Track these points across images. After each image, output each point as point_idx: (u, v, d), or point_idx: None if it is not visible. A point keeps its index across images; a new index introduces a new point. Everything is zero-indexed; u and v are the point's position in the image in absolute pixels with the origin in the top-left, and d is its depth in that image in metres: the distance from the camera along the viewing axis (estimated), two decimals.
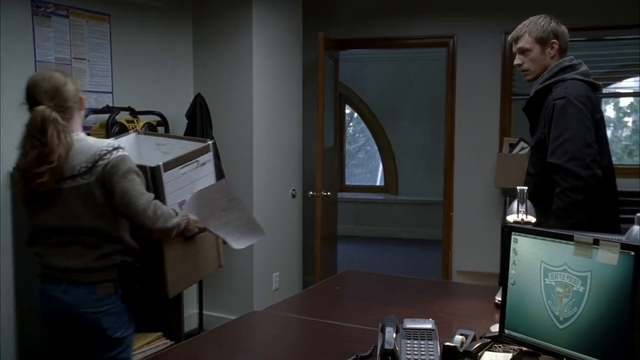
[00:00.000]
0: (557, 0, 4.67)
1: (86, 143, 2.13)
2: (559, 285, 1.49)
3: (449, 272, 5.05)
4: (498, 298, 2.26)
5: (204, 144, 2.49)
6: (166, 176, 2.28)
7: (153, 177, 2.26)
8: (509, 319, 1.63)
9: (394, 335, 1.69)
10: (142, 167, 2.22)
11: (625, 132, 8.92)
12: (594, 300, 1.41)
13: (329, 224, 4.87)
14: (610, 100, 8.24)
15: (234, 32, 4.23)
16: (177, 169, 2.33)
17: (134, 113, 3.63)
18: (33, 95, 2.10)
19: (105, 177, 2.08)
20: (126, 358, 2.24)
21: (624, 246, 1.36)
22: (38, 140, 2.04)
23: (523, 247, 1.60)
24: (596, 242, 1.41)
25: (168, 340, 3.79)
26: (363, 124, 9.79)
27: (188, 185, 2.37)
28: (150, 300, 2.31)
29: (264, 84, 4.30)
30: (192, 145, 2.46)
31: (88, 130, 3.45)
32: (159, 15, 4.09)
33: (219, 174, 2.73)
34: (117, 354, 2.19)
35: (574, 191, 2.25)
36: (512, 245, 1.63)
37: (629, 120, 9.04)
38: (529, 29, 2.57)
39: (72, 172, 2.08)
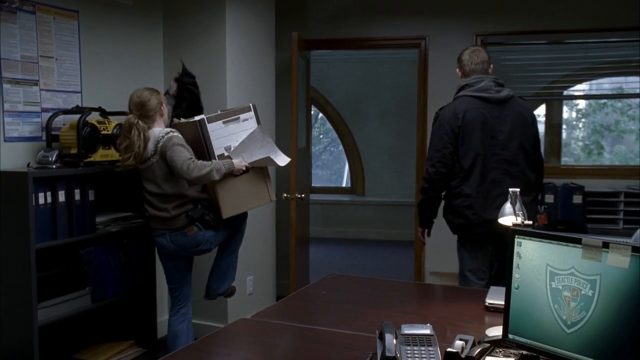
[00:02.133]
0: (521, 4, 4.77)
1: (153, 134, 3.10)
2: (567, 289, 1.48)
3: (421, 274, 5.05)
4: (489, 301, 2.25)
5: (246, 106, 3.32)
6: (210, 126, 3.16)
7: (201, 127, 3.14)
8: (513, 323, 1.61)
9: (394, 341, 1.65)
10: (193, 122, 3.20)
11: (581, 133, 9.14)
12: (604, 303, 1.40)
13: (301, 226, 4.81)
14: (570, 102, 8.41)
15: (206, 32, 4.14)
16: (219, 122, 3.20)
17: (105, 114, 3.50)
18: (129, 106, 3.15)
19: (162, 153, 3.06)
20: (232, 234, 3.45)
21: (635, 249, 1.35)
22: (126, 137, 3.06)
23: (527, 250, 1.58)
24: (606, 245, 1.40)
25: (140, 349, 3.69)
26: (327, 125, 9.77)
27: (232, 135, 3.23)
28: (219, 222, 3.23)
29: (237, 84, 4.22)
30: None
31: (57, 131, 3.32)
32: (128, 13, 3.97)
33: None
34: (227, 243, 3.47)
35: (424, 180, 3.18)
36: (516, 248, 1.61)
37: (584, 121, 9.27)
38: None
39: (148, 155, 3.08)
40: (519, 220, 1.86)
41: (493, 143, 3.06)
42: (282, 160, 3.36)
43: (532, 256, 1.57)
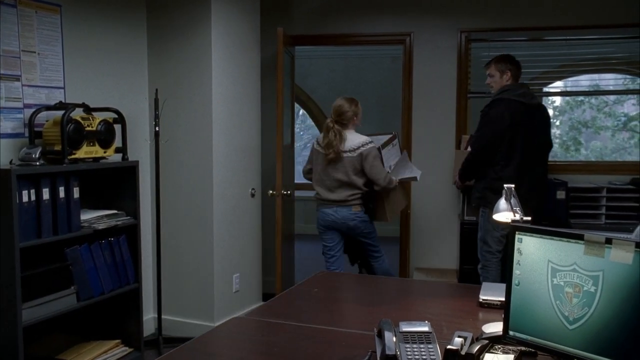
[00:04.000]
0: (505, 1, 4.79)
1: (354, 137, 4.02)
2: (568, 285, 1.48)
3: (407, 270, 5.06)
4: (482, 297, 2.26)
5: (392, 135, 4.34)
6: (383, 152, 4.10)
7: (379, 152, 4.05)
8: (514, 320, 1.61)
9: (393, 339, 1.64)
10: (378, 149, 4.09)
11: (558, 131, 9.24)
12: (607, 300, 1.40)
13: (287, 223, 4.78)
14: (546, 99, 8.50)
15: (192, 26, 4.08)
16: (386, 148, 4.18)
17: (89, 110, 3.44)
18: (332, 112, 4.10)
19: (362, 157, 3.94)
20: (375, 237, 4.21)
21: (639, 245, 1.35)
22: (326, 136, 4.01)
23: (528, 247, 1.58)
24: (609, 241, 1.40)
25: (127, 348, 3.63)
26: (309, 122, 9.72)
27: (391, 157, 4.20)
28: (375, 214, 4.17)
29: (223, 79, 4.17)
30: (386, 137, 4.30)
31: (40, 128, 3.25)
32: (112, 7, 3.89)
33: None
34: (371, 241, 4.17)
35: (473, 154, 4.02)
36: (516, 245, 1.60)
37: (561, 118, 9.36)
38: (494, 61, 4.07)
39: (346, 150, 3.96)
40: (517, 216, 1.86)
41: (530, 139, 3.85)
42: (417, 173, 4.24)
43: (532, 252, 1.57)
